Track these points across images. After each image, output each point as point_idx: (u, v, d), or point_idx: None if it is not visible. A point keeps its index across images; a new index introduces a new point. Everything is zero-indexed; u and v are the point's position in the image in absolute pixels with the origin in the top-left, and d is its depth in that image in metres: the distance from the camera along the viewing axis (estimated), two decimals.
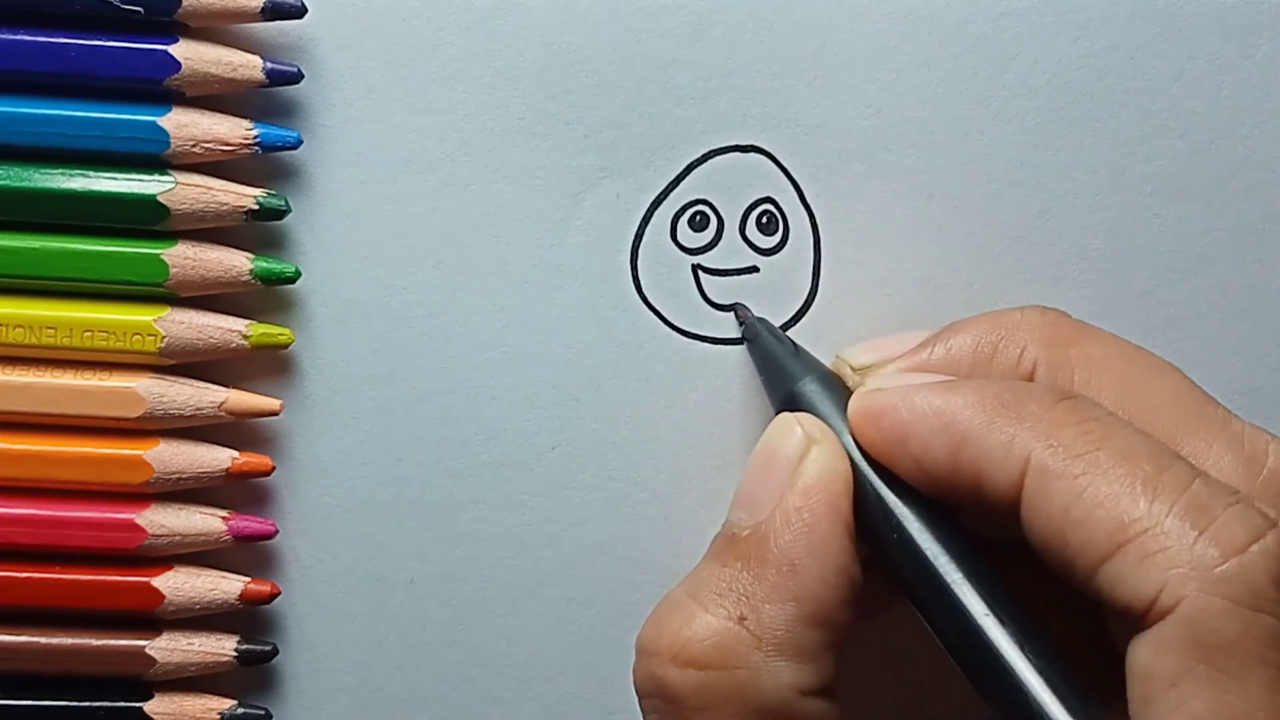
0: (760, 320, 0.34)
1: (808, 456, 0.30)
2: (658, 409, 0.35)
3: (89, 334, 0.33)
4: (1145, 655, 0.25)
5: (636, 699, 0.29)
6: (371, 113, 0.34)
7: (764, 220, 0.35)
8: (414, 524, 0.35)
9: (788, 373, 0.32)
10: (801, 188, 0.35)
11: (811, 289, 0.35)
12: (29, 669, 0.33)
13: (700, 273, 0.35)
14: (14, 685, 0.33)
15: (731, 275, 0.35)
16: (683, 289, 0.35)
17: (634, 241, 0.35)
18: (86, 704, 0.33)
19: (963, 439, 0.28)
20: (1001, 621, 0.27)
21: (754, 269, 0.35)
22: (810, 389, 0.31)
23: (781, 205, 0.35)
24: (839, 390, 0.31)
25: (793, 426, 0.30)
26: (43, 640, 0.33)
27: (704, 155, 0.35)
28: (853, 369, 0.32)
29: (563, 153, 0.34)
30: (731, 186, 0.35)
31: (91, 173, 0.33)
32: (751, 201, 0.35)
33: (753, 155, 0.35)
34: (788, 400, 0.32)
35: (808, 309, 0.35)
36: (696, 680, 0.28)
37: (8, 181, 0.32)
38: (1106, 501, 0.26)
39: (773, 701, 0.28)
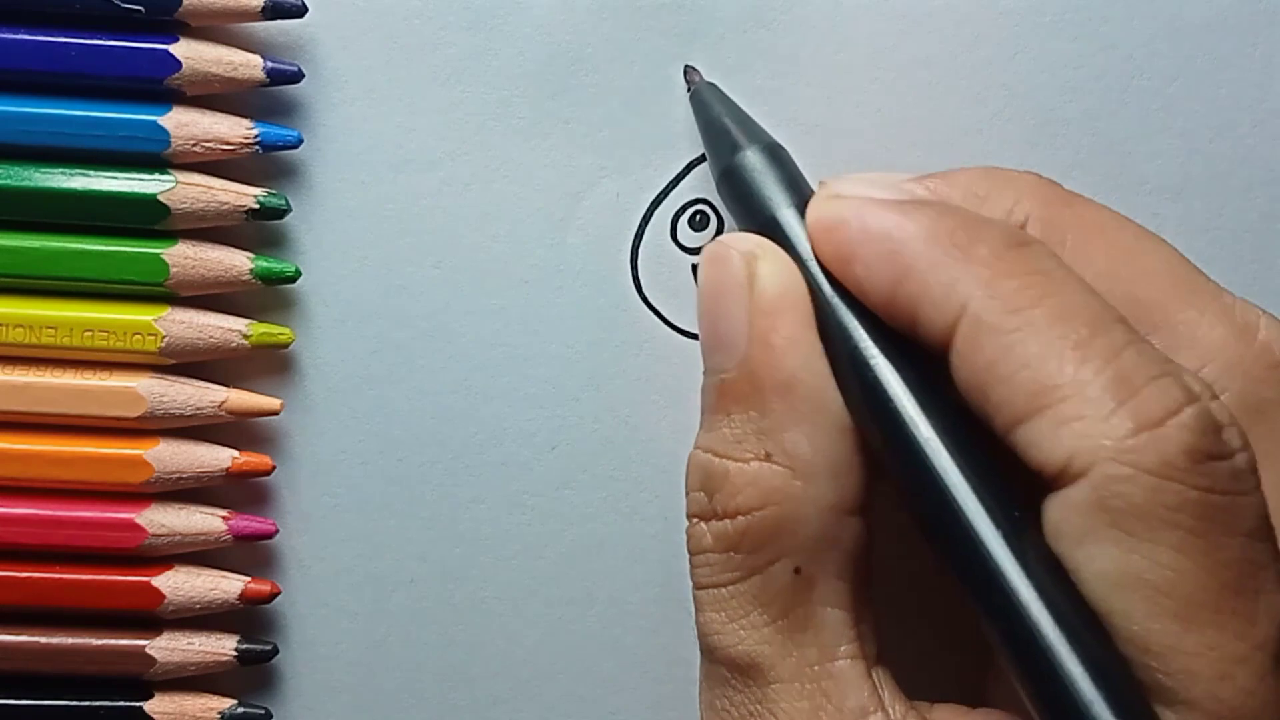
0: (710, 85, 0.32)
1: (756, 275, 0.28)
2: (658, 409, 0.35)
3: (89, 334, 0.33)
4: (1054, 515, 0.25)
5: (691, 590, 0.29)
6: (371, 113, 0.34)
7: None
8: (414, 524, 0.35)
9: (730, 142, 0.30)
10: None
11: None
12: (29, 669, 0.33)
13: None
14: (14, 685, 0.33)
15: None
16: (683, 289, 0.35)
17: (634, 241, 0.35)
18: (86, 704, 0.33)
19: (905, 272, 0.27)
20: (944, 442, 0.27)
21: None
22: (752, 161, 0.29)
23: None
24: (788, 168, 0.30)
25: (726, 250, 0.29)
26: (43, 640, 0.33)
27: (704, 155, 0.34)
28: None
29: (563, 153, 0.34)
30: None
31: (92, 172, 0.33)
32: None
33: None
34: (725, 175, 0.30)
35: None
36: (743, 526, 0.28)
37: (8, 181, 0.32)
38: (1033, 362, 0.25)
39: (817, 529, 0.28)
